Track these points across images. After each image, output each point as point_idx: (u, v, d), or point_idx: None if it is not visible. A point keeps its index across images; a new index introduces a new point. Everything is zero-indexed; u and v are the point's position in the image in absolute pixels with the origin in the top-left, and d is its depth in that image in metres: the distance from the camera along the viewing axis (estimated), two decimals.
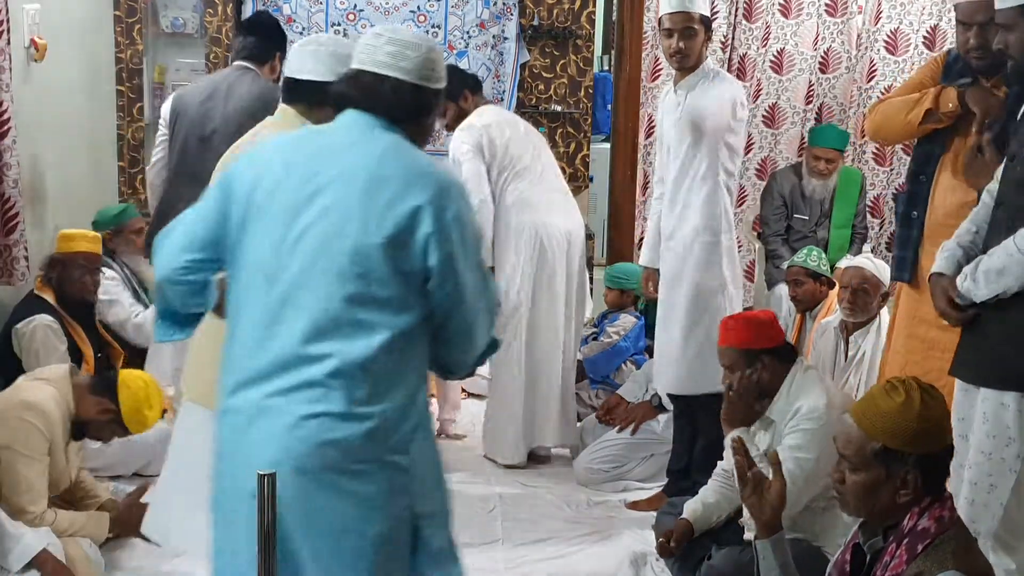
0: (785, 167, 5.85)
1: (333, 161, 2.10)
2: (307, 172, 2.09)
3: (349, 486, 2.04)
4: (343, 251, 2.04)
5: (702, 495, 3.22)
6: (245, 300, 2.11)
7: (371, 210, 2.04)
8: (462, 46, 5.77)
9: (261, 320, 2.07)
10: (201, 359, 2.74)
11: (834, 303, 4.96)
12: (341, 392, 2.02)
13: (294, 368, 2.03)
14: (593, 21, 5.85)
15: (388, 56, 2.13)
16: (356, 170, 2.07)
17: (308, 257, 2.05)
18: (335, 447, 2.01)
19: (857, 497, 2.13)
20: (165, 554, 3.52)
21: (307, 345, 2.03)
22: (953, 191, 3.05)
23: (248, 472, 1.93)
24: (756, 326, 3.08)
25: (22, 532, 2.89)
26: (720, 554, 2.96)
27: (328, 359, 2.02)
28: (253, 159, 2.19)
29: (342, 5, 5.78)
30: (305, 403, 2.02)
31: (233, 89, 4.08)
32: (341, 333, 2.03)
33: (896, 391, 2.10)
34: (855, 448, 2.11)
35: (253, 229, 2.10)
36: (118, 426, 3.36)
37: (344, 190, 2.06)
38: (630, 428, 4.27)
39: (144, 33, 5.81)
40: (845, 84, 5.99)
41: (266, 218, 2.09)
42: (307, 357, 2.02)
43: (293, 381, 2.02)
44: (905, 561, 2.03)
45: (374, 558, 2.07)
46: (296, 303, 2.05)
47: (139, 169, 5.74)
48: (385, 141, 2.12)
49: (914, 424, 2.06)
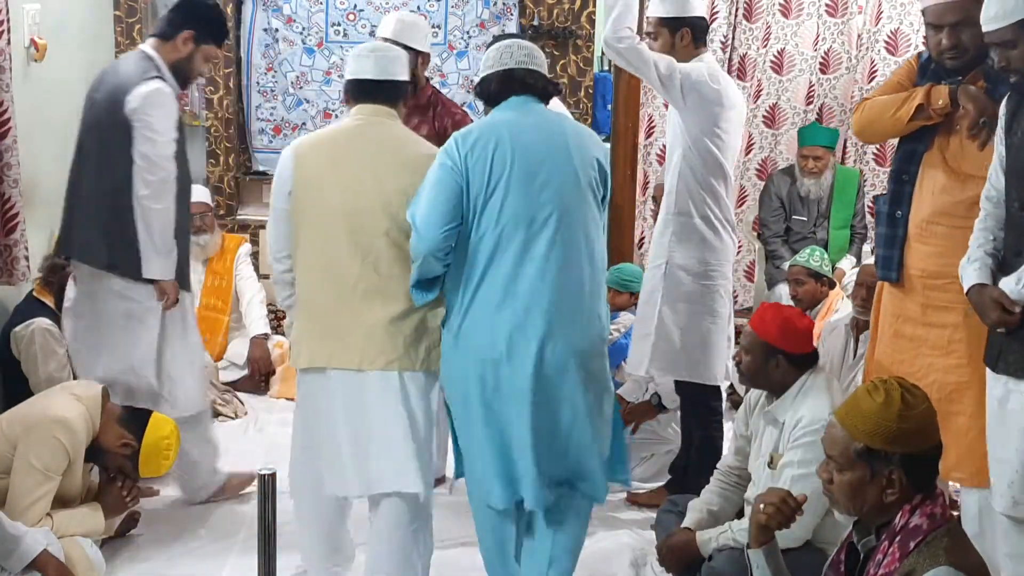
0: (779, 170, 5.86)
1: (540, 131, 2.93)
2: (527, 141, 2.89)
3: (595, 366, 2.95)
4: (579, 188, 2.92)
5: (705, 500, 3.21)
6: (503, 246, 2.85)
7: (580, 160, 2.93)
8: (462, 46, 5.77)
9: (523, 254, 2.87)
10: (311, 332, 3.11)
11: (834, 303, 4.97)
12: (595, 303, 2.97)
13: (573, 284, 2.90)
14: (593, 21, 5.85)
15: (525, 57, 2.99)
16: (557, 135, 2.95)
17: (555, 202, 2.88)
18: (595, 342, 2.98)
19: (845, 496, 2.15)
20: (165, 554, 3.53)
21: (568, 269, 2.90)
22: (941, 190, 3.06)
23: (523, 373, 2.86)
24: (787, 325, 3.08)
25: (23, 533, 2.89)
26: (720, 555, 2.96)
27: (586, 277, 2.93)
28: (476, 141, 2.87)
29: (342, 5, 5.78)
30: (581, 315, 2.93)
31: (105, 77, 3.78)
32: (584, 257, 2.93)
33: (877, 391, 2.12)
34: (839, 448, 2.13)
35: (500, 191, 2.84)
36: (130, 463, 3.37)
37: (561, 151, 2.92)
38: (630, 428, 4.27)
39: (144, 33, 5.81)
40: (845, 84, 5.99)
41: (512, 180, 2.84)
42: (570, 276, 2.90)
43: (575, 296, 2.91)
44: (898, 558, 2.04)
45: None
46: (554, 239, 2.87)
47: None
48: (549, 114, 3.04)
49: (894, 424, 2.07)
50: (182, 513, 3.87)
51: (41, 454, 3.12)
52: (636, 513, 4.02)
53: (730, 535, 2.96)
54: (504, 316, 2.85)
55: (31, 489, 3.10)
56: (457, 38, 5.76)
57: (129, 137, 3.58)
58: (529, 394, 2.84)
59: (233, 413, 4.96)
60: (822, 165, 5.59)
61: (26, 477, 3.11)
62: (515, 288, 2.85)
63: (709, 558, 2.98)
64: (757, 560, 2.38)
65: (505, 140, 2.86)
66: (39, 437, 3.13)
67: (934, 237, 3.08)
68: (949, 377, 3.07)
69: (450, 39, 5.77)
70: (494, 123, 2.93)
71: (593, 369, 2.95)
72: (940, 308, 3.09)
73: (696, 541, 3.05)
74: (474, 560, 3.55)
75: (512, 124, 2.91)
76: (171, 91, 3.67)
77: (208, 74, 4.15)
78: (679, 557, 3.09)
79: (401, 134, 3.15)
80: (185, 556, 3.56)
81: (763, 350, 3.05)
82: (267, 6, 5.76)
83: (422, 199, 2.89)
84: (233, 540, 3.67)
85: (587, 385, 2.92)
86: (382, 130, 3.11)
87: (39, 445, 3.12)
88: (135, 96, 3.58)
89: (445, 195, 2.84)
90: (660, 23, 3.86)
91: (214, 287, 5.33)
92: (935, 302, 3.10)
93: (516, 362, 2.84)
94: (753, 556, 2.40)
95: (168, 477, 4.17)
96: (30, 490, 3.10)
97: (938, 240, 3.07)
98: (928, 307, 3.12)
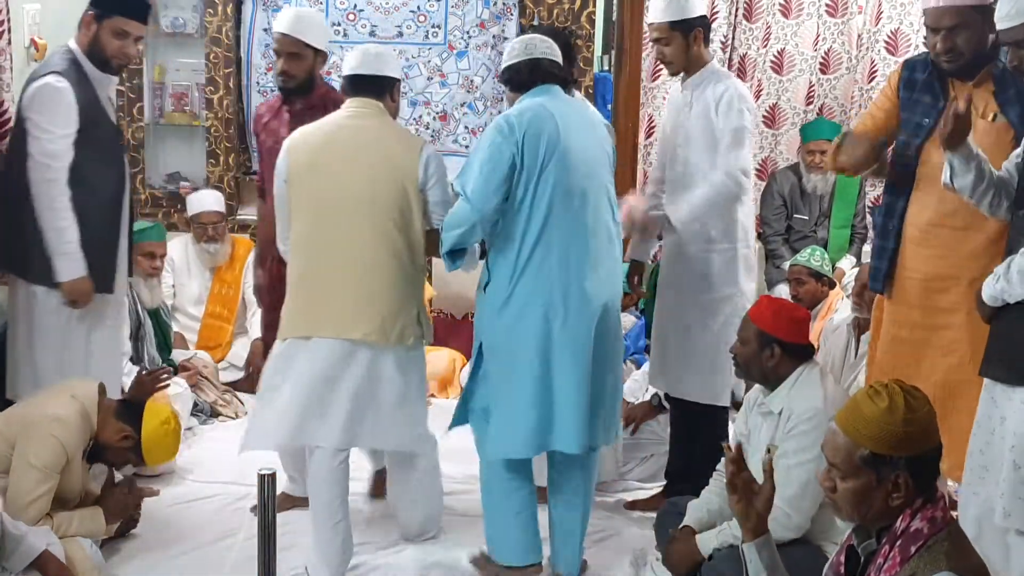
0: (783, 168, 5.86)
1: (576, 115, 3.29)
2: (569, 123, 3.22)
3: (616, 320, 3.40)
4: (605, 164, 3.38)
5: (705, 500, 3.22)
6: (555, 216, 3.17)
7: (603, 140, 3.39)
8: (462, 46, 5.77)
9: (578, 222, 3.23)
10: (296, 305, 3.43)
11: (834, 303, 4.97)
12: (619, 265, 3.43)
13: (603, 249, 3.29)
14: (593, 21, 5.85)
15: (548, 49, 3.30)
16: (587, 118, 3.39)
17: (591, 176, 3.27)
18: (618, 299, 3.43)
19: (850, 504, 2.12)
20: (165, 554, 3.53)
21: (603, 234, 3.30)
22: (945, 195, 3.06)
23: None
24: (783, 313, 3.10)
25: (23, 533, 2.89)
26: (720, 554, 2.96)
27: (615, 242, 3.37)
28: (532, 122, 3.16)
29: (342, 5, 5.77)
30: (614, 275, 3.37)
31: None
32: (613, 224, 3.36)
33: (879, 396, 2.09)
34: (843, 456, 2.10)
35: (552, 166, 3.15)
36: (135, 454, 3.37)
37: (592, 132, 3.34)
38: (630, 428, 4.26)
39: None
40: (846, 85, 5.99)
41: (563, 155, 3.17)
42: (605, 240, 3.31)
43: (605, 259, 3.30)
44: (899, 563, 2.02)
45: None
46: (594, 209, 3.26)
47: (139, 169, 5.75)
48: (575, 101, 3.41)
49: (900, 428, 2.05)
50: (182, 513, 3.87)
51: (39, 453, 3.12)
52: (635, 513, 4.01)
53: (729, 533, 2.97)
54: (561, 277, 3.19)
55: (30, 488, 3.11)
56: (457, 38, 5.76)
57: (26, 136, 3.53)
58: (588, 343, 3.22)
59: (234, 413, 4.97)
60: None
61: (25, 476, 3.11)
62: (567, 254, 3.20)
63: (710, 558, 2.99)
64: (751, 555, 2.38)
65: (555, 121, 3.18)
66: (36, 436, 3.14)
67: (937, 240, 3.08)
68: (952, 376, 3.07)
69: (450, 39, 5.76)
70: (540, 105, 3.21)
71: (615, 323, 3.39)
72: (943, 310, 3.09)
73: (696, 543, 3.06)
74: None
75: (555, 108, 3.22)
76: (65, 85, 3.53)
77: (137, 54, 3.88)
78: (680, 560, 3.09)
79: (382, 126, 3.40)
80: (185, 556, 3.56)
81: (759, 339, 3.06)
82: (267, 6, 5.76)
83: (473, 171, 3.16)
84: (233, 540, 3.67)
85: (616, 336, 3.39)
86: (366, 122, 3.38)
87: (36, 444, 3.13)
88: (27, 94, 3.56)
89: (501, 168, 3.13)
90: (671, 28, 3.72)
91: (220, 295, 5.32)
92: (937, 303, 3.10)
93: (574, 317, 3.20)
94: (747, 550, 2.39)
95: (168, 477, 4.18)
96: (29, 488, 3.11)
97: (940, 243, 3.08)
98: (930, 309, 3.12)
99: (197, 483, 4.17)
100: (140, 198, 5.83)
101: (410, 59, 5.75)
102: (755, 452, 3.12)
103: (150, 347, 4.70)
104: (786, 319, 3.08)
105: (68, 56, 3.62)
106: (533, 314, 3.19)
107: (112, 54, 3.65)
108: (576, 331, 3.21)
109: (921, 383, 2.89)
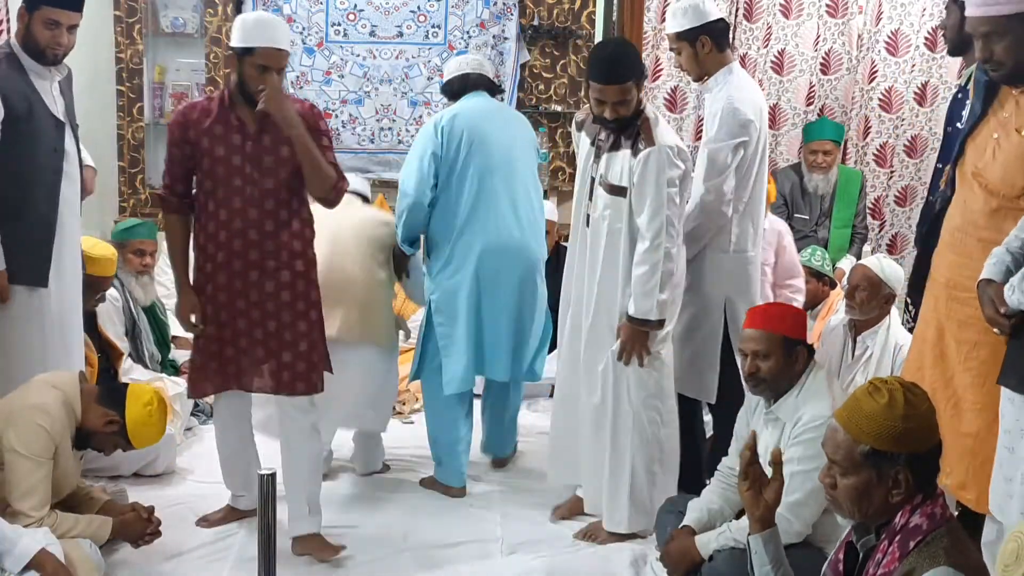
0: (785, 167, 5.86)
1: (492, 112, 4.13)
2: (485, 118, 4.04)
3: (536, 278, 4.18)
4: (518, 148, 4.12)
5: (706, 500, 3.21)
6: (482, 190, 3.97)
7: (516, 131, 4.16)
8: (462, 46, 5.77)
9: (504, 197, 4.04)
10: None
11: (835, 303, 4.96)
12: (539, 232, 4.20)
13: (525, 214, 4.10)
14: (593, 21, 5.85)
15: (477, 65, 4.22)
16: (509, 120, 4.21)
17: (507, 158, 4.04)
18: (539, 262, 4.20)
19: (850, 500, 2.11)
20: (165, 555, 3.52)
21: (524, 205, 4.10)
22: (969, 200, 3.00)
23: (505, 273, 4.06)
24: (792, 313, 3.10)
25: (20, 533, 2.89)
26: (720, 555, 2.96)
27: (533, 220, 4.14)
28: (452, 120, 3.98)
29: (342, 5, 5.77)
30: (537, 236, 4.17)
31: None
32: (534, 196, 4.18)
33: (879, 392, 2.09)
34: (844, 452, 2.10)
35: (473, 150, 3.96)
36: (122, 439, 3.35)
37: (510, 129, 4.12)
38: None
39: (144, 33, 5.82)
40: (846, 85, 5.99)
41: (481, 148, 3.98)
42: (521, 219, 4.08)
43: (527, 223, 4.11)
44: (897, 558, 2.02)
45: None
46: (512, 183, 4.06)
47: (139, 169, 5.75)
48: (495, 102, 4.23)
49: (900, 424, 2.05)
50: (182, 513, 3.86)
51: (27, 442, 3.12)
52: None
53: (729, 535, 2.96)
54: (490, 239, 3.99)
55: (25, 476, 3.10)
56: (457, 38, 5.76)
57: None
58: (513, 292, 4.04)
59: None
60: (831, 160, 5.59)
61: (18, 466, 3.11)
62: (495, 218, 3.99)
63: (710, 559, 2.98)
64: (756, 546, 2.37)
65: (477, 116, 4.02)
66: (21, 426, 3.13)
67: (962, 247, 3.00)
68: (963, 394, 3.02)
69: (450, 39, 5.76)
70: (465, 107, 4.06)
71: (537, 275, 4.14)
72: (961, 322, 3.01)
73: (695, 543, 3.05)
74: (473, 559, 3.56)
75: (478, 106, 4.08)
76: None
77: (71, 43, 3.73)
78: (678, 560, 3.08)
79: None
80: (185, 556, 3.55)
81: (783, 346, 3.01)
82: (267, 6, 5.76)
83: (411, 167, 3.96)
84: (233, 540, 3.66)
85: (537, 287, 4.14)
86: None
87: (22, 433, 3.12)
88: None
89: (426, 160, 3.93)
90: (677, 38, 3.80)
91: None
92: (955, 314, 3.02)
93: (506, 264, 4.02)
94: (752, 542, 2.38)
95: (168, 477, 4.18)
96: (24, 477, 3.10)
97: (964, 250, 2.99)
98: (949, 319, 3.06)
99: (197, 483, 4.17)
100: (140, 197, 5.83)
101: (410, 59, 5.75)
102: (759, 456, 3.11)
103: (148, 344, 4.69)
104: (798, 320, 3.08)
105: (4, 50, 3.61)
106: (467, 270, 3.98)
107: (45, 44, 3.62)
108: (503, 282, 4.01)
109: (944, 387, 2.87)
